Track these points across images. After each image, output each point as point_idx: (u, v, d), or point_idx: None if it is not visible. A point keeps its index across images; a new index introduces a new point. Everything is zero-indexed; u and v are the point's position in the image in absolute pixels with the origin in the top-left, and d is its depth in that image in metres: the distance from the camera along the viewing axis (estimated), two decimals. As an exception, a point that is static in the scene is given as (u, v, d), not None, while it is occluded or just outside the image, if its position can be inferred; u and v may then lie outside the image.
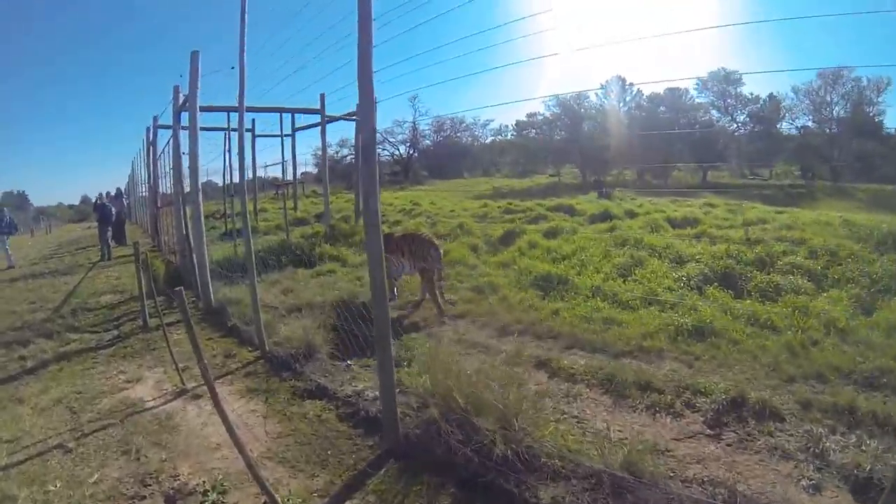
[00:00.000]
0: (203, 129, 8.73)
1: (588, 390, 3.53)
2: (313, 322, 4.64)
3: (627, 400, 3.36)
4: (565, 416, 3.16)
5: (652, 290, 5.32)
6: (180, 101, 7.42)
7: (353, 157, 30.45)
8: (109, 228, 13.05)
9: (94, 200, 18.24)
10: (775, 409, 3.15)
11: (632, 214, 10.09)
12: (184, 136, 7.16)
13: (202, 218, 6.66)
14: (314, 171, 28.41)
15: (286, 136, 13.91)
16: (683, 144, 21.90)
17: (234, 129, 11.15)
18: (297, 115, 12.77)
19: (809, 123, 21.40)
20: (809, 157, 19.51)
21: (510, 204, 13.61)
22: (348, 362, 4.23)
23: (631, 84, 28.61)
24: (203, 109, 7.28)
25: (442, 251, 6.10)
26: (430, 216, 13.11)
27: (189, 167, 6.62)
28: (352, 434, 3.21)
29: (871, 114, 19.89)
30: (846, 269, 5.53)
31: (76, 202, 60.53)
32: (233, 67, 4.70)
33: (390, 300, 6.41)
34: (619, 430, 2.99)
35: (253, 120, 12.36)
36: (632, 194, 15.18)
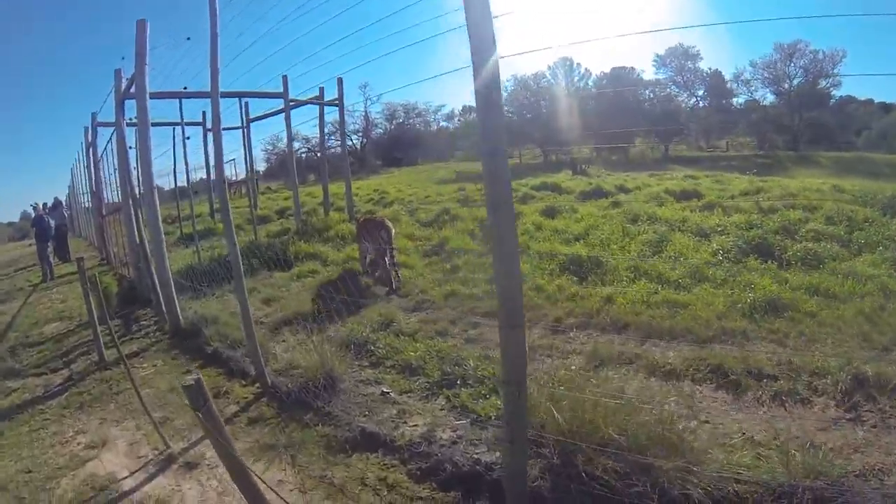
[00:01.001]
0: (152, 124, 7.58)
1: (699, 388, 3.14)
2: (320, 337, 3.87)
3: (747, 393, 3.02)
4: (698, 423, 2.75)
5: (695, 266, 5.08)
6: (123, 86, 6.18)
7: (305, 150, 28.80)
8: (50, 244, 11.30)
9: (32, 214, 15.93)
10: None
11: (624, 189, 9.97)
12: (131, 128, 6.10)
13: (160, 221, 5.55)
14: (261, 167, 26.47)
15: (238, 128, 12.58)
16: (643, 120, 22.52)
17: (188, 123, 9.85)
18: (254, 105, 11.58)
19: (769, 95, 22.80)
20: (766, 128, 20.75)
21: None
22: (384, 389, 3.49)
23: (578, 64, 29.18)
24: (154, 96, 6.18)
25: (394, 231, 6.61)
26: (405, 203, 12.40)
27: (140, 162, 5.49)
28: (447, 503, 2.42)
29: (827, 86, 21.42)
30: (868, 234, 5.61)
31: (16, 219, 53.35)
32: (188, 38, 3.85)
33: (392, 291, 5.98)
34: (763, 431, 2.63)
35: (203, 112, 10.96)
36: (605, 171, 15.29)
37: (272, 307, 5.72)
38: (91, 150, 11.44)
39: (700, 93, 24.22)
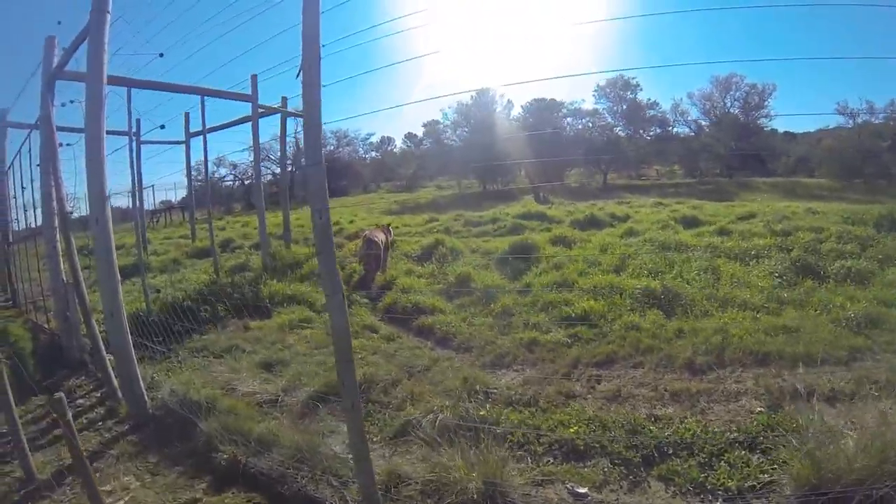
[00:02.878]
0: (63, 129, 6.05)
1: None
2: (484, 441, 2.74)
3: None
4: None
5: (768, 291, 5.22)
6: (56, 60, 4.77)
7: (232, 177, 26.31)
8: None
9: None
10: None
11: (616, 217, 10.30)
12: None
13: (114, 255, 3.73)
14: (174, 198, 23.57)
15: (176, 143, 11.03)
16: (581, 149, 24.06)
17: (121, 133, 8.18)
18: (208, 112, 10.03)
19: (704, 125, 25.70)
20: (702, 156, 23.32)
21: (459, 215, 12.90)
22: (575, 488, 2.71)
23: (502, 95, 30.71)
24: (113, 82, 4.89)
25: (378, 241, 7.59)
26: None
27: (89, 161, 3.62)
28: None
29: (760, 116, 24.80)
30: (878, 250, 6.26)
31: None
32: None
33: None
34: None
35: (138, 120, 9.24)
36: (563, 199, 15.88)
37: (278, 375, 4.39)
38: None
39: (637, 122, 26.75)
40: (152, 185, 19.05)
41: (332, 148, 31.08)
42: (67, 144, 6.48)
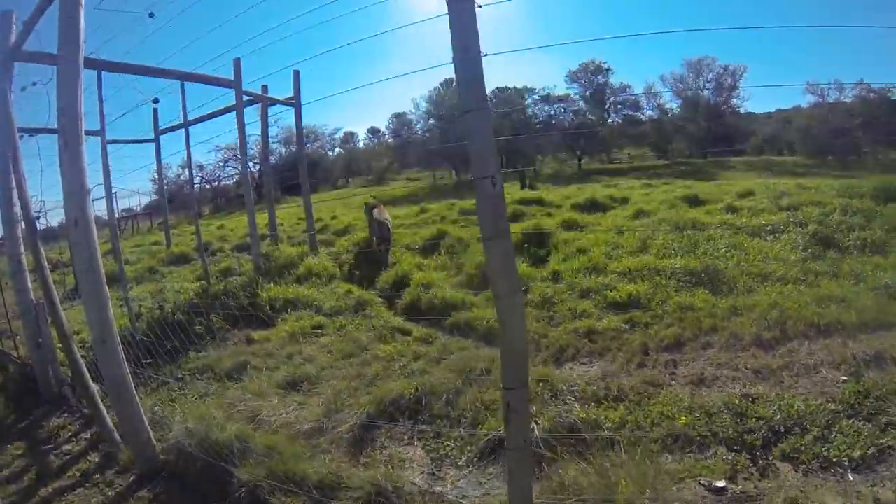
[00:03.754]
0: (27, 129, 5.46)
1: None
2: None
3: None
4: None
5: (800, 264, 5.38)
6: (15, 36, 4.05)
7: (200, 179, 24.81)
8: None
9: None
10: None
11: (616, 200, 10.42)
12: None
13: (99, 263, 2.94)
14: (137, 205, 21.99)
15: (143, 141, 10.27)
16: (554, 135, 24.30)
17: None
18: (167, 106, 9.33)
19: (674, 108, 26.38)
20: (676, 138, 24.06)
21: (451, 204, 12.73)
22: (714, 483, 2.55)
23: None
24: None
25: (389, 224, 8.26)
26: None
27: (65, 146, 2.84)
28: None
29: (732, 97, 25.61)
30: (886, 221, 6.58)
31: None
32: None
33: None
34: None
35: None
36: (546, 185, 15.99)
37: (308, 395, 3.86)
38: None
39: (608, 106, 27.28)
40: (114, 192, 17.51)
41: (307, 144, 30.00)
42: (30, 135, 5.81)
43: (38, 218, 4.55)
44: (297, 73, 9.57)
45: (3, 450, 3.56)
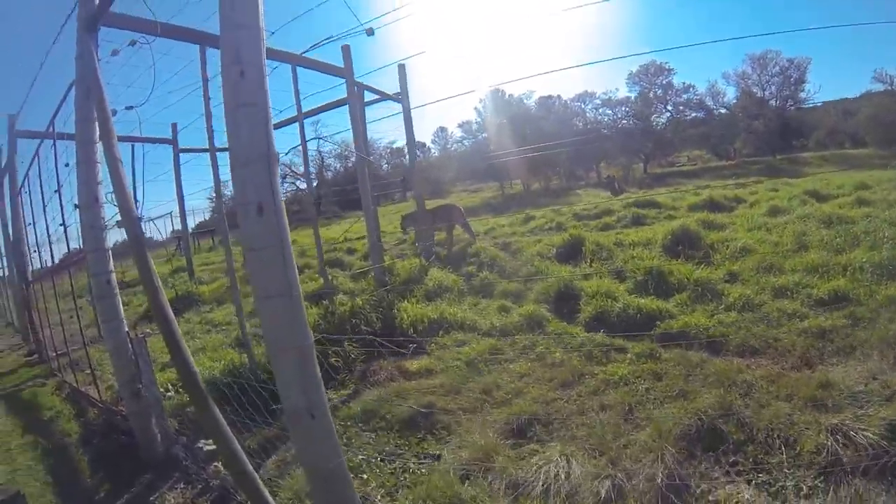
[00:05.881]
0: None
1: None
2: None
3: None
4: None
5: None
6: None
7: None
8: None
9: None
10: None
11: (735, 200, 10.98)
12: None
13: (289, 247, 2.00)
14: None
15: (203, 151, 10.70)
16: (617, 139, 24.87)
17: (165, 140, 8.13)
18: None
19: (738, 106, 25.63)
20: (737, 138, 23.74)
21: (556, 210, 13.26)
22: None
23: (511, 94, 30.99)
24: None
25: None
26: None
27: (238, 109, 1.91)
28: None
29: (800, 91, 25.27)
30: None
31: None
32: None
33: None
34: None
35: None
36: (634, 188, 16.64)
37: (552, 442, 3.19)
38: (8, 176, 8.47)
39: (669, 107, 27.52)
40: (170, 213, 18.84)
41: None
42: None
43: (107, 227, 3.62)
44: (402, 68, 8.67)
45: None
